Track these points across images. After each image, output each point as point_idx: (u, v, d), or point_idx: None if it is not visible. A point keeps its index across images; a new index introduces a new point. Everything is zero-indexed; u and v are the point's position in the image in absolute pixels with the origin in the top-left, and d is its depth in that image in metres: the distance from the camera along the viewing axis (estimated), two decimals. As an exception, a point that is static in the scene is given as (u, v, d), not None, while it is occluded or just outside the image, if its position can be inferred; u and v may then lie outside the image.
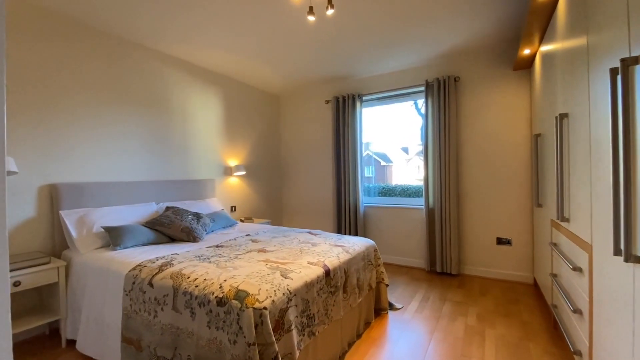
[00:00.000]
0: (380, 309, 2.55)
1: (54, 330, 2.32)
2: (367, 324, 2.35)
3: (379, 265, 2.56)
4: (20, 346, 2.14)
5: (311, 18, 2.11)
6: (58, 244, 2.38)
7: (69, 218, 2.31)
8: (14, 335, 2.18)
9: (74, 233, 2.26)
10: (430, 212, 3.59)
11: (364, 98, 4.10)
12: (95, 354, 1.92)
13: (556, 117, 1.77)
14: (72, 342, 2.15)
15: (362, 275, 2.29)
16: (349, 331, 2.09)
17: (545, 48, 2.30)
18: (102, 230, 2.35)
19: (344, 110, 4.14)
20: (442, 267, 3.47)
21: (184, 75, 3.42)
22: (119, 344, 1.79)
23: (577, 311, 1.59)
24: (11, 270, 1.90)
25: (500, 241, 3.30)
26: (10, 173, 2.06)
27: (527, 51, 2.64)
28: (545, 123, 2.36)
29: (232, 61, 3.47)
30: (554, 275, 2.07)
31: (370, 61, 3.56)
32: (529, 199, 3.16)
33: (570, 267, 1.59)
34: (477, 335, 2.17)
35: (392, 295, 2.90)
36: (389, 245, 3.99)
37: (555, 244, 2.06)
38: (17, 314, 2.15)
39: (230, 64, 3.56)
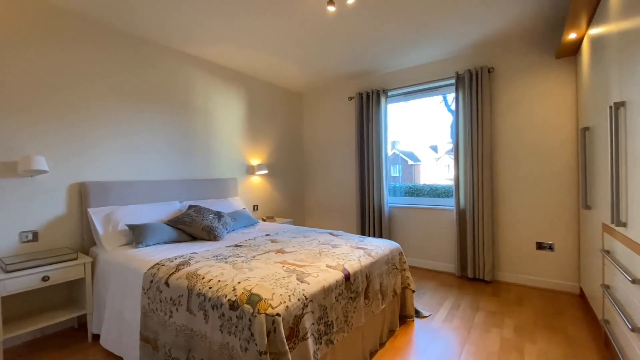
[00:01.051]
0: (405, 316, 2.40)
1: (83, 325, 2.39)
2: (392, 332, 2.21)
3: (404, 269, 2.41)
4: (49, 339, 2.22)
5: (331, 8, 2.01)
6: (86, 241, 2.45)
7: (96, 215, 2.37)
8: (43, 329, 2.26)
9: (100, 230, 2.31)
10: (461, 213, 3.37)
11: (389, 93, 3.93)
12: (116, 350, 1.94)
13: (610, 107, 1.55)
14: (97, 337, 2.20)
15: (385, 280, 2.15)
16: (371, 340, 1.96)
17: (594, 31, 2.05)
18: (127, 227, 2.39)
19: (368, 107, 3.99)
20: (474, 273, 3.24)
21: (206, 75, 3.44)
22: (137, 342, 1.79)
23: (635, 330, 1.37)
24: (40, 266, 1.97)
25: (540, 246, 3.02)
26: (41, 172, 2.15)
27: (572, 35, 2.37)
28: (595, 115, 2.10)
29: (255, 59, 3.44)
30: (606, 287, 1.83)
31: (396, 54, 3.40)
32: (575, 200, 2.85)
33: (629, 279, 1.38)
34: (515, 351, 1.97)
35: (419, 302, 2.73)
36: (416, 248, 3.79)
37: (607, 252, 1.81)
38: (47, 308, 2.24)
39: (252, 62, 3.54)
